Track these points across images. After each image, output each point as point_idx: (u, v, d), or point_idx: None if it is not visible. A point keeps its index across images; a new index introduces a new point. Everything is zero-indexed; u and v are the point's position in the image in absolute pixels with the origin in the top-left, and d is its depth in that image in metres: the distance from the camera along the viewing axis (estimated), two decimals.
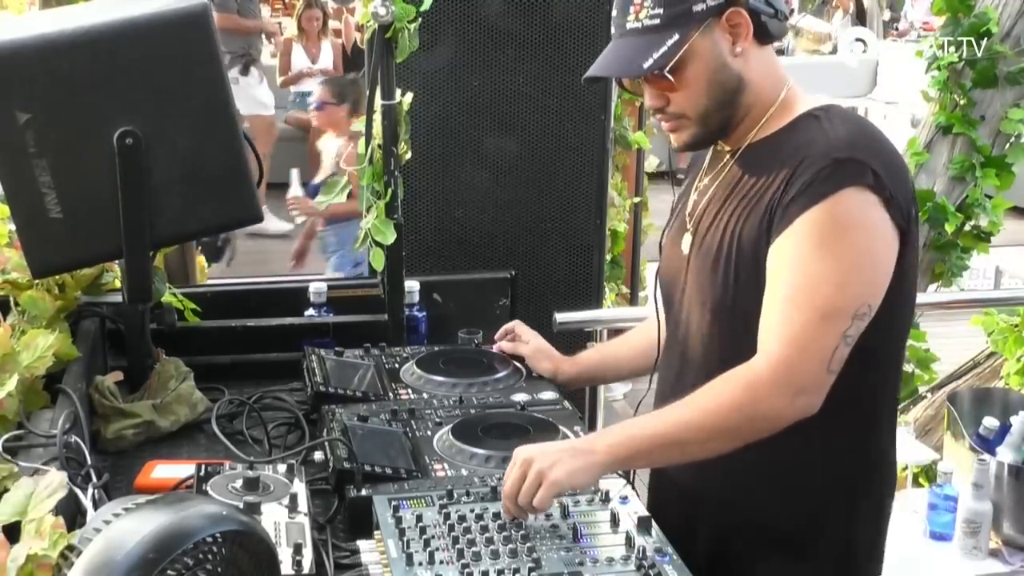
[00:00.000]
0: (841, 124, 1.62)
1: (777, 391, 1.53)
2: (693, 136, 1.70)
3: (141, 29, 1.82)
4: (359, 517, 1.59)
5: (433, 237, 2.92)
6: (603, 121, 2.97)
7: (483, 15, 2.85)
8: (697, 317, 1.72)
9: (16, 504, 1.37)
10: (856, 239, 1.55)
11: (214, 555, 1.15)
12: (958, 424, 3.02)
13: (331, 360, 2.11)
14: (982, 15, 3.56)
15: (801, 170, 1.57)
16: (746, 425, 1.55)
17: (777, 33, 1.66)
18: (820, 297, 1.53)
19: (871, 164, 1.55)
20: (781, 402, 1.53)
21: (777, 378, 1.53)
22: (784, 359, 1.53)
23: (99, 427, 1.91)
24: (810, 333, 1.53)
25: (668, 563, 1.42)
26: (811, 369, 1.53)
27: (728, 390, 1.55)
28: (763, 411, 1.54)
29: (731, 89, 1.65)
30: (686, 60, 1.61)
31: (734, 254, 1.64)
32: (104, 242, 1.88)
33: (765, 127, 1.68)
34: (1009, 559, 2.81)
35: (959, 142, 3.68)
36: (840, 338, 1.53)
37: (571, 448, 1.56)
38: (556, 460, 1.50)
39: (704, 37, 1.61)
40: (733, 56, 1.64)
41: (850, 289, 1.54)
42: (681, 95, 1.65)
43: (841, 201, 1.54)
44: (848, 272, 1.54)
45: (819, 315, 1.53)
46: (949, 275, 3.78)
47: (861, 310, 1.54)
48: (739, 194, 1.67)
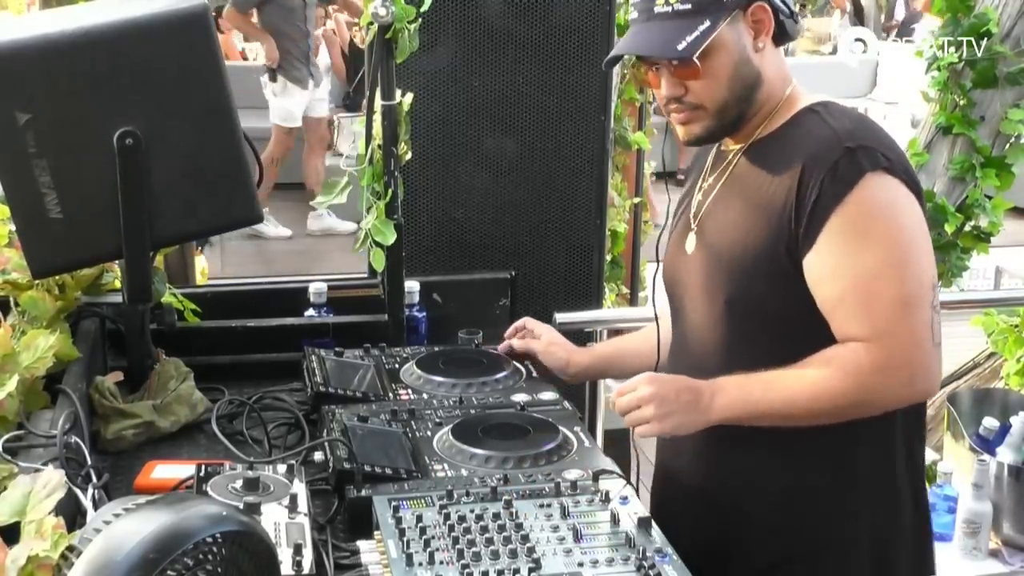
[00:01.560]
0: (841, 115, 1.65)
1: (897, 381, 1.57)
2: (706, 129, 1.69)
3: (141, 29, 1.82)
4: (359, 517, 1.59)
5: (433, 237, 2.92)
6: (603, 121, 2.97)
7: (483, 15, 2.85)
8: (705, 317, 1.72)
9: (14, 503, 1.37)
10: (894, 222, 1.59)
11: (214, 555, 1.15)
12: (958, 424, 3.02)
13: (331, 360, 2.10)
14: (982, 15, 3.56)
15: (813, 166, 1.58)
16: (853, 412, 1.60)
17: (792, 33, 1.69)
18: (890, 285, 1.56)
19: (879, 149, 1.58)
20: (903, 391, 1.59)
21: (893, 367, 1.56)
22: (890, 355, 1.56)
23: (99, 427, 1.91)
24: (900, 322, 1.56)
25: (668, 563, 1.42)
26: (919, 351, 1.57)
27: (843, 377, 1.57)
28: (883, 399, 1.59)
29: (750, 84, 1.66)
30: (713, 49, 1.61)
31: (744, 254, 1.64)
32: (104, 242, 1.88)
33: (769, 124, 1.69)
34: (1009, 559, 2.81)
35: (959, 142, 3.67)
36: (931, 314, 1.58)
37: (689, 402, 1.60)
38: (671, 411, 1.59)
39: (731, 28, 1.62)
40: (755, 51, 1.65)
41: (911, 267, 1.58)
42: (702, 84, 1.65)
43: (866, 190, 1.56)
44: (900, 253, 1.58)
45: (898, 303, 1.56)
46: (949, 275, 3.78)
47: (933, 279, 1.59)
48: (746, 193, 1.67)
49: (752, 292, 1.63)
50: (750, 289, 1.63)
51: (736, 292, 1.65)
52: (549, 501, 1.56)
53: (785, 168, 1.61)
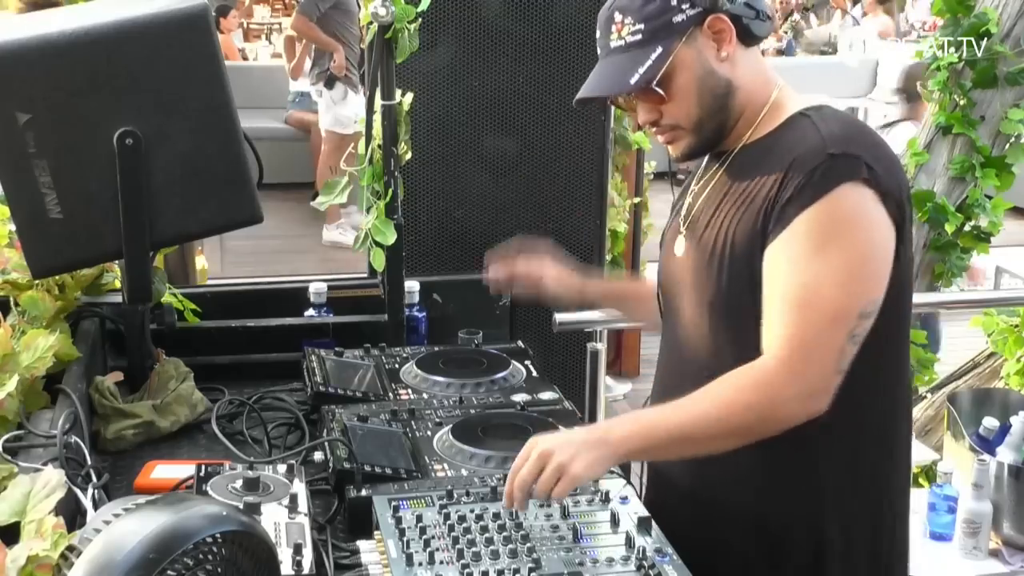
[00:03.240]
0: (833, 121, 1.63)
1: (792, 394, 1.53)
2: (689, 146, 1.70)
3: (141, 29, 1.82)
4: (359, 517, 1.59)
5: (433, 237, 2.92)
6: (603, 121, 2.98)
7: (483, 15, 2.85)
8: (694, 317, 1.72)
9: (14, 503, 1.37)
10: (855, 237, 1.55)
11: (214, 555, 1.15)
12: (958, 424, 3.02)
13: (331, 360, 2.11)
14: (982, 15, 3.56)
15: (795, 168, 1.57)
16: (758, 426, 1.55)
17: (761, 33, 1.67)
18: (825, 299, 1.53)
19: (864, 158, 1.55)
20: (795, 405, 1.53)
21: (789, 381, 1.53)
22: (794, 362, 1.53)
23: (99, 427, 1.91)
24: (818, 335, 1.53)
25: (668, 563, 1.42)
26: (821, 371, 1.53)
27: (741, 391, 1.55)
28: (777, 414, 1.54)
29: (721, 95, 1.66)
30: (673, 72, 1.61)
31: (728, 254, 1.64)
32: (104, 242, 1.88)
33: (758, 129, 1.68)
34: (1009, 559, 2.81)
35: (959, 142, 3.67)
36: (847, 338, 1.53)
37: (586, 441, 1.54)
38: (575, 454, 1.50)
39: (688, 47, 1.62)
40: (719, 62, 1.64)
41: (854, 288, 1.54)
42: (672, 107, 1.65)
43: (838, 199, 1.54)
44: (850, 271, 1.54)
45: (825, 317, 1.53)
46: (949, 275, 3.78)
47: (867, 308, 1.54)
48: (733, 195, 1.67)
49: (733, 291, 1.63)
50: (731, 288, 1.64)
51: (718, 292, 1.66)
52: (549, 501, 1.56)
53: (770, 171, 1.61)
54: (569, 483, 1.49)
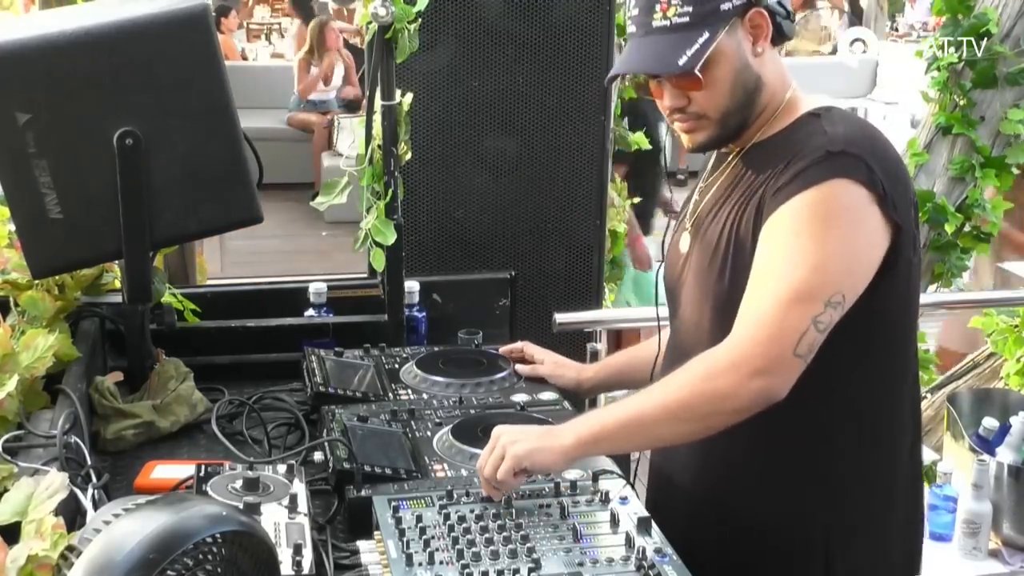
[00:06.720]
0: (841, 123, 1.63)
1: (733, 368, 1.50)
2: (710, 137, 1.70)
3: (141, 29, 1.82)
4: (359, 517, 1.59)
5: (433, 237, 2.92)
6: (603, 121, 2.97)
7: (483, 15, 2.85)
8: (698, 314, 1.72)
9: (16, 504, 1.37)
10: (838, 229, 1.54)
11: (214, 555, 1.15)
12: (958, 424, 3.02)
13: (331, 360, 2.11)
14: (982, 15, 3.56)
15: (794, 162, 1.58)
16: (703, 405, 1.52)
17: (790, 33, 1.69)
18: (793, 279, 1.51)
19: (866, 159, 1.55)
20: (735, 379, 1.49)
21: (734, 356, 1.51)
22: (746, 338, 1.51)
23: (99, 427, 1.91)
24: (777, 313, 1.50)
25: (668, 563, 1.42)
26: (773, 350, 1.49)
27: (687, 370, 1.55)
28: (718, 389, 1.50)
29: (751, 89, 1.66)
30: (713, 59, 1.61)
31: (732, 248, 1.64)
32: (104, 242, 1.88)
33: (769, 127, 1.69)
34: (1009, 559, 2.81)
35: (959, 143, 3.68)
36: (810, 322, 1.50)
37: (540, 431, 1.60)
38: (521, 438, 1.55)
39: (730, 37, 1.62)
40: (754, 56, 1.65)
41: (825, 275, 1.52)
42: (704, 95, 1.65)
43: (829, 189, 1.54)
44: (826, 258, 1.52)
45: (789, 296, 1.50)
46: (949, 275, 3.78)
47: (835, 298, 1.52)
48: (738, 191, 1.67)
49: (736, 287, 1.63)
50: (733, 285, 1.63)
51: (721, 288, 1.66)
52: (549, 501, 1.56)
53: (773, 167, 1.61)
54: (509, 462, 1.52)
